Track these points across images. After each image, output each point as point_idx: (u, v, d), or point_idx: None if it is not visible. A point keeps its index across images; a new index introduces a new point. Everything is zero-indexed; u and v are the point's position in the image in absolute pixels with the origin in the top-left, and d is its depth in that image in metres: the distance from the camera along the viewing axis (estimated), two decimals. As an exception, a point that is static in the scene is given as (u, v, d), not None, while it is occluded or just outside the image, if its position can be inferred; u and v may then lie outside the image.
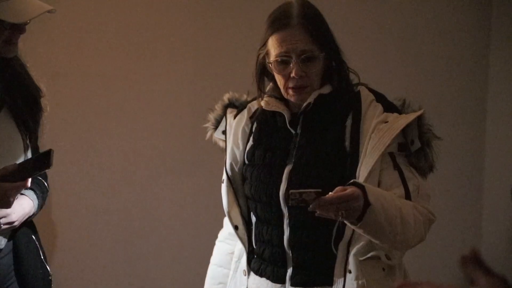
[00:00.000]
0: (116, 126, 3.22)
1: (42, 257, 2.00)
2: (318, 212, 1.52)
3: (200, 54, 3.20)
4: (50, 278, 2.00)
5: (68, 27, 3.17)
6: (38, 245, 2.00)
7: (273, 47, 1.76)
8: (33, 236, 1.99)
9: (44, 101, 1.96)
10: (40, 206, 1.97)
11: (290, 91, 1.77)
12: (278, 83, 1.80)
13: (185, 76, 3.21)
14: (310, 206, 1.49)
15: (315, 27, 1.74)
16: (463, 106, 3.06)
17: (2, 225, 1.83)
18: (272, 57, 1.76)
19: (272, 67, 1.77)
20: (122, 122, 3.22)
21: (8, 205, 1.75)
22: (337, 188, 1.53)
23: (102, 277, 3.24)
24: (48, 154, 1.68)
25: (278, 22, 1.75)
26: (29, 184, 1.74)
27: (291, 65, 1.73)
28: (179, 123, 3.20)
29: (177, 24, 3.19)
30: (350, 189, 1.52)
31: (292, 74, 1.74)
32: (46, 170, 1.76)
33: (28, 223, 1.96)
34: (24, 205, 1.90)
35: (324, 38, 1.76)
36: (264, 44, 1.79)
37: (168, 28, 3.20)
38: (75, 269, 3.21)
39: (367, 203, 1.53)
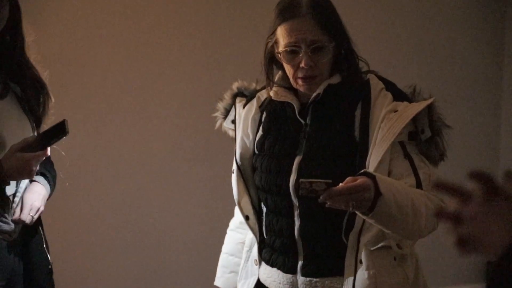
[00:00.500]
0: (126, 115, 3.26)
1: (44, 246, 2.05)
2: (328, 204, 1.52)
3: (210, 42, 3.22)
4: (50, 267, 2.05)
5: (73, 24, 3.20)
6: (42, 234, 2.05)
7: (282, 37, 1.75)
8: (39, 226, 2.04)
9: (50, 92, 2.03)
10: (52, 189, 2.03)
11: (300, 81, 1.77)
12: (287, 72, 1.80)
13: (196, 64, 3.23)
14: (320, 197, 1.49)
15: (325, 17, 1.74)
16: (477, 94, 3.04)
17: (33, 216, 1.91)
18: (281, 47, 1.76)
19: (281, 57, 1.77)
20: (132, 111, 3.26)
21: (31, 174, 1.82)
22: (348, 179, 1.53)
23: (114, 264, 3.29)
24: (63, 123, 1.77)
25: (287, 11, 1.74)
26: (48, 152, 1.81)
27: (300, 55, 1.73)
28: (189, 112, 3.23)
29: (186, 12, 3.21)
30: (360, 180, 1.52)
31: (302, 65, 1.73)
32: (62, 140, 1.81)
33: None
34: (39, 191, 1.96)
35: (334, 28, 1.75)
36: (273, 33, 1.79)
37: (177, 16, 3.21)
38: (89, 259, 3.26)
39: (378, 193, 1.53)
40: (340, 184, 1.51)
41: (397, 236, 1.68)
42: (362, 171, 1.58)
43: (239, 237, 2.05)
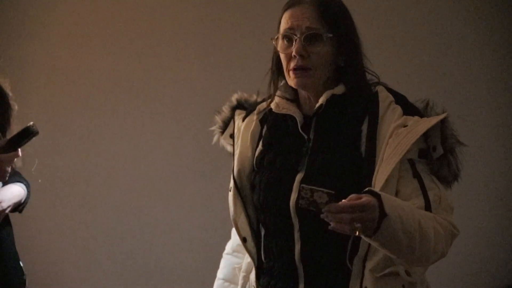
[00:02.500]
0: (122, 127, 3.26)
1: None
2: (331, 226, 1.46)
3: (208, 53, 3.21)
4: (24, 278, 2.12)
5: (72, 26, 3.22)
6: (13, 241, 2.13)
7: (282, 25, 1.73)
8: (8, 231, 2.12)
9: (11, 101, 2.12)
10: (28, 195, 2.13)
11: (291, 74, 1.72)
12: (283, 66, 1.74)
13: (194, 76, 3.23)
14: (322, 211, 1.43)
15: (327, 6, 1.70)
16: (494, 110, 2.99)
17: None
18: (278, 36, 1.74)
19: (276, 45, 1.73)
20: (128, 124, 3.26)
21: (3, 176, 1.91)
22: (351, 196, 1.46)
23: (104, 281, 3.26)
24: (31, 127, 1.91)
25: (291, 1, 1.73)
26: (20, 154, 1.91)
27: (294, 43, 1.69)
28: (187, 125, 3.22)
29: (185, 23, 3.21)
30: (365, 198, 1.46)
31: (293, 53, 1.69)
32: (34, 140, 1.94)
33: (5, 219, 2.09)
34: (14, 192, 2.06)
35: (336, 19, 1.70)
36: (278, 27, 1.76)
37: (176, 26, 3.21)
38: (74, 270, 3.26)
39: (383, 214, 1.47)
40: (343, 200, 1.45)
41: (402, 262, 1.61)
42: (367, 189, 1.52)
43: (236, 261, 1.97)
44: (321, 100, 1.72)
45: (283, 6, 1.75)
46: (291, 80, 1.73)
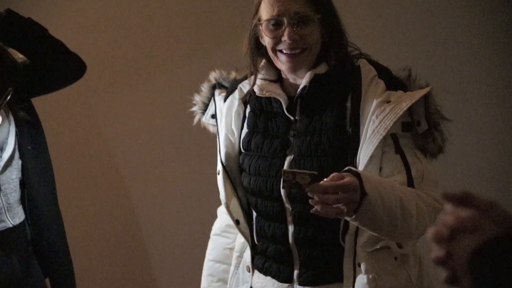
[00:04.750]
0: (114, 119, 3.31)
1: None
2: (315, 208, 1.48)
3: (204, 48, 3.23)
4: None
5: (69, 25, 3.22)
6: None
7: (264, 11, 1.73)
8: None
9: None
10: None
11: (283, 58, 1.72)
12: (267, 47, 1.75)
13: (189, 74, 3.26)
14: (306, 191, 1.46)
15: None
16: (494, 82, 2.99)
17: None
18: (263, 21, 1.73)
19: (262, 29, 1.74)
20: (120, 115, 3.31)
21: None
22: (333, 175, 1.48)
23: (99, 272, 3.34)
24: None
25: None
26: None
27: (283, 27, 1.70)
28: (184, 120, 3.27)
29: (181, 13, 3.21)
30: (348, 178, 1.48)
31: (284, 38, 1.70)
32: None
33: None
34: None
35: (321, 0, 1.72)
36: (257, 11, 1.76)
37: (172, 16, 3.21)
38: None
39: (363, 193, 1.50)
40: (325, 179, 1.47)
41: (386, 239, 1.65)
42: (347, 168, 1.55)
43: (225, 241, 2.02)
44: (305, 81, 1.74)
45: None
46: (281, 63, 1.74)
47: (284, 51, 1.72)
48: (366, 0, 3.03)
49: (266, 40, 1.75)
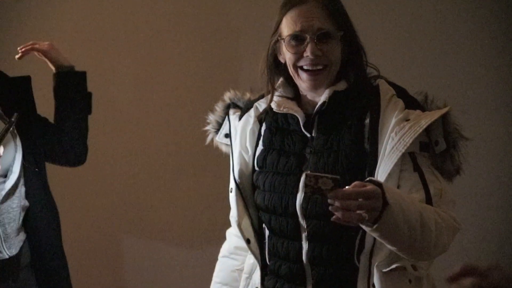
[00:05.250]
0: (119, 125, 3.32)
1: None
2: (335, 216, 1.46)
3: (204, 51, 3.26)
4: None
5: (69, 25, 3.25)
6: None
7: (286, 27, 1.74)
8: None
9: None
10: None
11: (304, 76, 1.74)
12: (288, 63, 1.76)
13: (190, 74, 3.28)
14: (328, 196, 1.44)
15: (333, 4, 1.74)
16: (498, 103, 3.02)
17: None
18: (285, 36, 1.74)
19: (284, 44, 1.75)
20: (125, 121, 3.32)
21: None
22: (355, 183, 1.48)
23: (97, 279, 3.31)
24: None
25: (293, 0, 1.75)
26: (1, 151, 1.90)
27: (306, 42, 1.72)
28: (183, 122, 3.28)
29: (181, 21, 3.25)
30: (371, 186, 1.48)
31: (307, 53, 1.72)
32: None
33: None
34: None
35: (342, 17, 1.75)
36: (277, 28, 1.78)
37: (172, 25, 3.26)
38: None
39: (384, 203, 1.48)
40: (347, 187, 1.46)
41: (403, 255, 1.63)
42: (368, 179, 1.54)
43: (234, 263, 2.00)
44: (324, 98, 1.75)
45: (283, 4, 1.77)
46: (302, 81, 1.76)
47: (305, 67, 1.74)
48: (377, 19, 3.07)
49: (287, 56, 1.77)
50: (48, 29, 3.26)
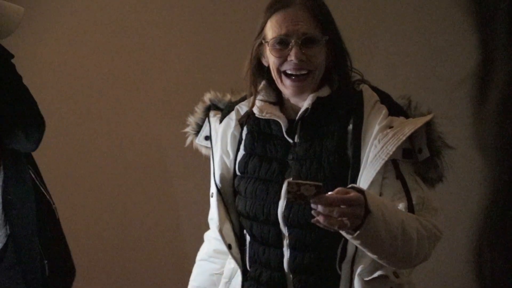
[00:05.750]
0: (112, 125, 3.31)
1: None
2: (316, 219, 1.45)
3: (196, 52, 3.25)
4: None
5: (62, 23, 3.24)
6: None
7: (271, 30, 1.73)
8: None
9: None
10: None
11: (288, 82, 1.72)
12: (271, 67, 1.75)
13: (182, 76, 3.27)
14: (311, 202, 1.44)
15: (319, 9, 1.72)
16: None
17: None
18: (269, 39, 1.73)
19: (268, 47, 1.73)
20: (118, 121, 3.32)
21: None
22: (338, 189, 1.47)
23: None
24: None
25: (278, 2, 1.73)
26: None
27: (290, 46, 1.70)
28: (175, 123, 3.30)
29: (172, 22, 3.22)
30: (354, 193, 1.47)
31: (291, 58, 1.70)
32: None
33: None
34: None
35: (328, 22, 1.73)
36: (261, 31, 1.76)
37: (164, 25, 3.23)
38: None
39: (366, 210, 1.48)
40: (330, 192, 1.46)
41: (384, 263, 1.63)
42: (350, 185, 1.53)
43: (213, 267, 1.98)
44: (307, 104, 1.74)
45: (268, 7, 1.75)
46: (285, 87, 1.74)
47: (289, 72, 1.72)
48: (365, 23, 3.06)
49: (271, 60, 1.75)
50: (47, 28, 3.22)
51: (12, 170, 2.13)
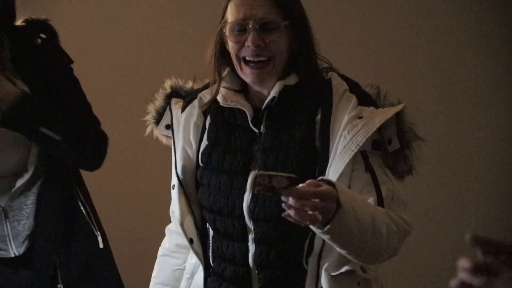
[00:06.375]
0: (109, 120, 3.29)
1: None
2: (287, 212, 1.39)
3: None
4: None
5: (70, 26, 3.15)
6: None
7: (230, 14, 1.68)
8: None
9: None
10: None
11: (247, 69, 1.67)
12: (231, 53, 1.69)
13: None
14: (282, 194, 1.38)
15: None
16: (453, 100, 3.04)
17: None
18: (228, 24, 1.68)
19: (226, 33, 1.69)
20: (114, 116, 3.23)
21: None
22: (310, 181, 1.42)
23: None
24: None
25: None
26: None
27: (247, 32, 1.65)
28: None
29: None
30: (326, 186, 1.43)
31: (248, 43, 1.65)
32: None
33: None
34: None
35: (290, 6, 1.68)
36: (224, 15, 1.71)
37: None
38: None
39: (337, 204, 1.44)
40: (302, 185, 1.40)
41: (352, 258, 1.60)
42: (320, 178, 1.49)
43: (175, 262, 1.93)
44: (274, 92, 1.69)
45: None
46: (245, 75, 1.69)
47: (248, 58, 1.67)
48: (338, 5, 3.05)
49: (230, 46, 1.69)
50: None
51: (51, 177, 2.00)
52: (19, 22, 2.00)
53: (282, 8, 1.66)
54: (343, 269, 1.65)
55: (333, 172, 1.62)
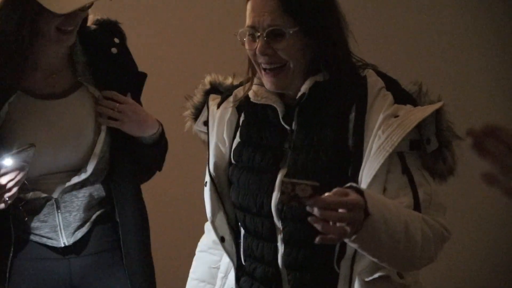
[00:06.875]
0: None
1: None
2: (318, 239, 1.37)
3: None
4: None
5: None
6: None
7: (247, 17, 1.66)
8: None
9: None
10: None
11: (264, 76, 1.66)
12: (253, 61, 1.68)
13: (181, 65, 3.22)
14: (307, 204, 1.35)
15: None
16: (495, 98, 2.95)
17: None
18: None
19: (239, 38, 1.67)
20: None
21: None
22: (336, 190, 1.39)
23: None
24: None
25: None
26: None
27: (256, 39, 1.63)
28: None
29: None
30: (354, 195, 1.39)
31: (256, 52, 1.63)
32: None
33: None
34: None
35: (300, 11, 1.62)
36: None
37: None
38: None
39: (366, 213, 1.41)
40: (328, 193, 1.37)
41: (385, 266, 1.56)
42: (348, 184, 1.45)
43: (212, 259, 1.92)
44: (304, 89, 1.65)
45: None
46: (264, 81, 1.68)
47: (263, 65, 1.65)
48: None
49: (248, 53, 1.69)
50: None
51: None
52: (89, 23, 2.05)
53: (292, 13, 1.61)
54: (377, 275, 1.61)
55: (366, 173, 1.57)
